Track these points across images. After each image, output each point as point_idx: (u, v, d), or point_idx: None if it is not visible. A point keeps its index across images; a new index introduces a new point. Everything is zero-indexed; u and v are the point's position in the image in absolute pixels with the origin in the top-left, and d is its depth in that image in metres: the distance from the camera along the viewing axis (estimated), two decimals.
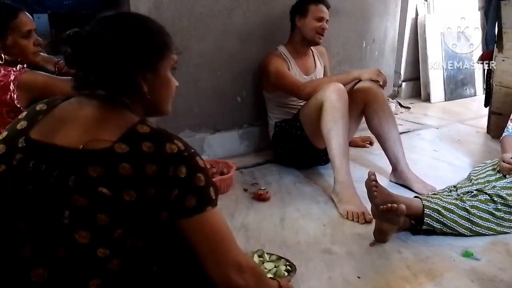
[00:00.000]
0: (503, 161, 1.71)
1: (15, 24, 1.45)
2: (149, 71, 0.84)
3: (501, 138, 2.03)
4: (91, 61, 0.81)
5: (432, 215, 1.54)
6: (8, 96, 1.41)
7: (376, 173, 1.59)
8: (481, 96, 3.81)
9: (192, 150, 0.81)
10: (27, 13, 1.51)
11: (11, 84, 1.41)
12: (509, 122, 2.03)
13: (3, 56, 1.47)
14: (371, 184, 1.55)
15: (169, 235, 0.80)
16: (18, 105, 1.43)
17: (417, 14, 4.00)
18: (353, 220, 1.71)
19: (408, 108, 3.73)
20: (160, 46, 0.86)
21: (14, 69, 1.44)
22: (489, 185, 1.69)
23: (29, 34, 1.49)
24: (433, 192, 1.83)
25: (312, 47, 2.36)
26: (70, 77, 1.28)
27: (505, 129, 2.02)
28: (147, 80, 0.84)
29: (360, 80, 2.11)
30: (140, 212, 0.75)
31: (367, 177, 1.58)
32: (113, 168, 0.73)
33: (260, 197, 1.90)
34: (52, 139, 0.77)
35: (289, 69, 2.23)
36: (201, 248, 0.80)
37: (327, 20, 2.23)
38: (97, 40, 0.81)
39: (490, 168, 1.82)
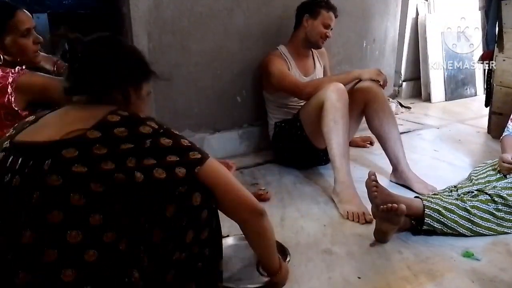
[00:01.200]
0: (503, 161, 1.71)
1: (13, 23, 1.43)
2: (135, 86, 0.95)
3: (501, 138, 2.02)
4: (96, 66, 0.91)
5: (433, 215, 1.53)
6: (6, 99, 1.40)
7: (376, 173, 1.59)
8: (481, 96, 3.81)
9: (165, 126, 0.88)
10: (25, 11, 1.49)
11: (9, 86, 1.39)
12: (509, 122, 2.02)
13: (1, 57, 1.46)
14: (371, 184, 1.55)
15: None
16: (16, 108, 1.42)
17: (417, 14, 3.99)
18: (353, 220, 1.71)
19: (409, 108, 3.72)
20: (148, 70, 0.99)
21: (13, 71, 1.42)
22: (489, 185, 1.69)
23: (28, 32, 1.46)
24: (433, 192, 1.82)
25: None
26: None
27: (505, 129, 2.02)
28: (133, 93, 0.94)
29: (360, 80, 2.11)
30: (125, 186, 0.77)
31: (367, 177, 1.58)
32: (87, 150, 0.78)
33: (260, 197, 1.89)
34: (34, 138, 0.83)
35: (289, 70, 2.22)
36: (217, 195, 0.90)
37: (332, 29, 2.23)
38: (103, 47, 0.93)
39: (490, 168, 1.82)
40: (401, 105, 3.69)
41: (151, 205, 0.81)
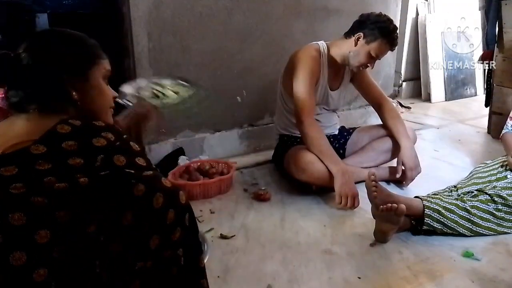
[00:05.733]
0: None
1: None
2: (78, 79, 0.87)
3: (501, 135, 2.02)
4: (18, 77, 0.84)
5: (433, 215, 1.53)
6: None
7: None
8: (481, 96, 3.81)
9: (125, 136, 0.82)
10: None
11: None
12: (508, 119, 2.02)
13: None
14: (371, 184, 1.55)
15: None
16: None
17: (417, 14, 4.00)
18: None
19: (409, 108, 3.73)
20: (85, 55, 0.90)
21: None
22: (489, 185, 1.69)
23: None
24: (433, 192, 1.82)
25: None
26: None
27: (505, 127, 2.02)
28: (77, 89, 0.87)
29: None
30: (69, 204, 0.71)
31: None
32: (29, 166, 0.72)
33: (260, 197, 1.89)
34: None
35: (318, 81, 1.98)
36: None
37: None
38: (22, 57, 0.84)
39: (491, 167, 1.82)
40: (401, 105, 3.69)
41: (104, 213, 0.73)
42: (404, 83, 4.14)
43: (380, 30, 1.86)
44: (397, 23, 3.33)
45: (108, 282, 0.74)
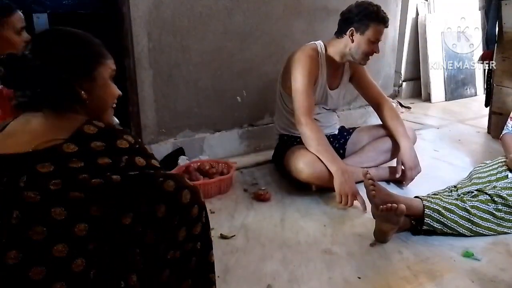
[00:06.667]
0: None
1: (10, 20, 1.45)
2: (85, 79, 0.88)
3: (501, 136, 2.02)
4: (25, 78, 0.84)
5: (433, 215, 1.53)
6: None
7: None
8: (481, 96, 3.81)
9: (140, 140, 0.88)
10: (20, 12, 1.51)
11: None
12: (508, 120, 2.02)
13: None
14: (368, 183, 1.55)
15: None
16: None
17: (417, 14, 4.00)
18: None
19: (409, 108, 3.73)
20: (91, 55, 0.91)
21: None
22: (489, 185, 1.69)
23: (22, 30, 1.49)
24: (433, 192, 1.82)
25: None
26: None
27: (505, 127, 2.02)
28: (85, 88, 0.88)
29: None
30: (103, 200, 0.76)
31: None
32: (63, 164, 0.75)
33: (260, 197, 1.89)
34: (2, 150, 0.78)
35: (316, 80, 1.98)
36: None
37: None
38: (29, 58, 0.85)
39: (491, 167, 1.82)
40: (401, 105, 3.69)
41: (139, 207, 0.80)
42: (404, 83, 4.14)
43: (368, 17, 1.87)
44: (397, 23, 3.35)
45: (144, 270, 0.80)
